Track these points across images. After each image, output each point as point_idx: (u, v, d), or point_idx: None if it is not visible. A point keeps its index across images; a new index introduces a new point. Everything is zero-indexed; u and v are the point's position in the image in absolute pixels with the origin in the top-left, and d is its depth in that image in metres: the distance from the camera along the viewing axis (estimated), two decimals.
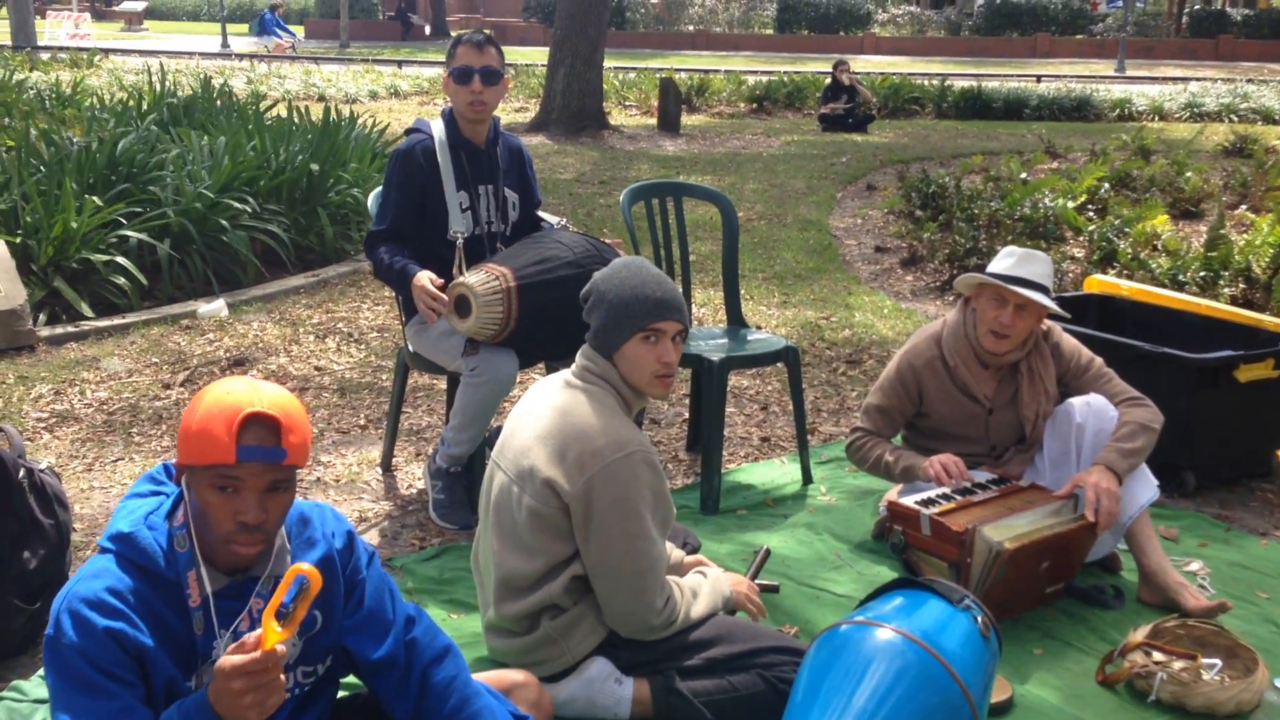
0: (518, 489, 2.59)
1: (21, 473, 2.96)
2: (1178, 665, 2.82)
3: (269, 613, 1.83)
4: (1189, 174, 9.61)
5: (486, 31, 3.91)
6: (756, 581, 3.12)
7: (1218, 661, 2.86)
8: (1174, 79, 22.67)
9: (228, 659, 1.79)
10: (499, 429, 3.86)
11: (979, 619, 2.50)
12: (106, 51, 23.41)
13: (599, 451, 2.50)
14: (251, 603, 2.02)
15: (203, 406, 1.93)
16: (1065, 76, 23.09)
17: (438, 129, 3.82)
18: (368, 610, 2.13)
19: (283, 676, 1.83)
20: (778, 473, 4.29)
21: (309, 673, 2.12)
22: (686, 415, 4.73)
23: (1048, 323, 3.52)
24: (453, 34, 4.51)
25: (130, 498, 2.07)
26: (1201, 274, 6.34)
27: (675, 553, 2.92)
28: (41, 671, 2.86)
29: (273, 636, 1.82)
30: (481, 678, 2.25)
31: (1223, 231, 6.72)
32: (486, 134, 3.84)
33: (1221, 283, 6.24)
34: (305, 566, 1.85)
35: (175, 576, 1.96)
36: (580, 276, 3.30)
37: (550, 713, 2.40)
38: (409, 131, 3.87)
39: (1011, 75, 23.44)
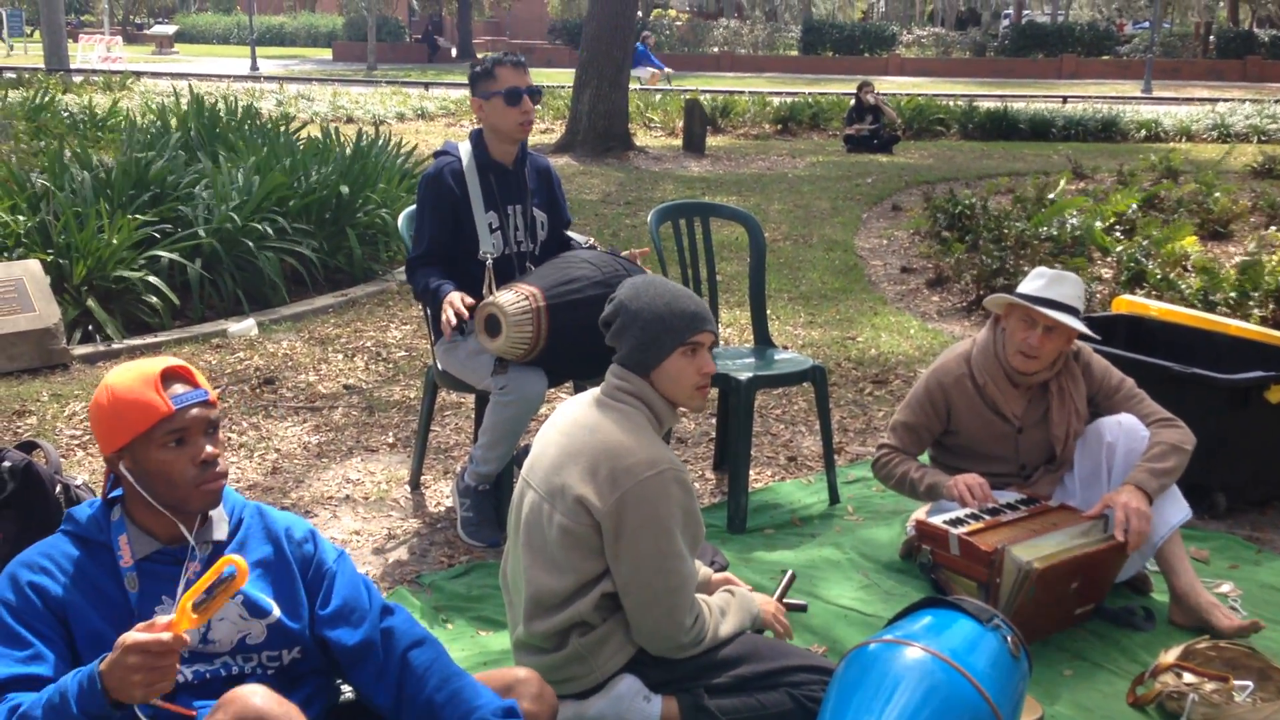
0: (549, 506, 2.61)
1: (58, 488, 2.99)
2: (1209, 687, 2.80)
3: (187, 597, 1.86)
4: (1217, 195, 9.57)
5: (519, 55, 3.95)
6: (784, 601, 3.12)
7: (1250, 683, 2.84)
8: (1201, 100, 22.58)
9: (131, 635, 1.82)
10: (527, 447, 3.89)
11: (1009, 639, 2.49)
12: (138, 74, 23.70)
13: (631, 469, 2.51)
14: (187, 565, 2.13)
15: (113, 390, 2.07)
16: (1091, 97, 23.03)
17: (465, 151, 3.86)
18: (341, 601, 2.21)
19: (178, 665, 1.87)
20: (805, 492, 4.29)
21: (274, 657, 2.18)
22: (713, 434, 4.74)
23: (1078, 343, 3.51)
24: (479, 56, 4.54)
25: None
26: (1233, 295, 6.31)
27: (703, 570, 2.92)
28: None
29: (184, 622, 1.84)
30: (481, 676, 2.27)
31: (1253, 250, 6.68)
32: (515, 154, 3.87)
33: (1251, 303, 6.20)
34: (235, 558, 1.87)
35: (107, 541, 2.11)
36: (608, 296, 3.32)
37: (555, 705, 2.40)
38: (438, 154, 3.91)
39: (1037, 96, 23.41)
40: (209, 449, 2.08)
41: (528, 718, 2.23)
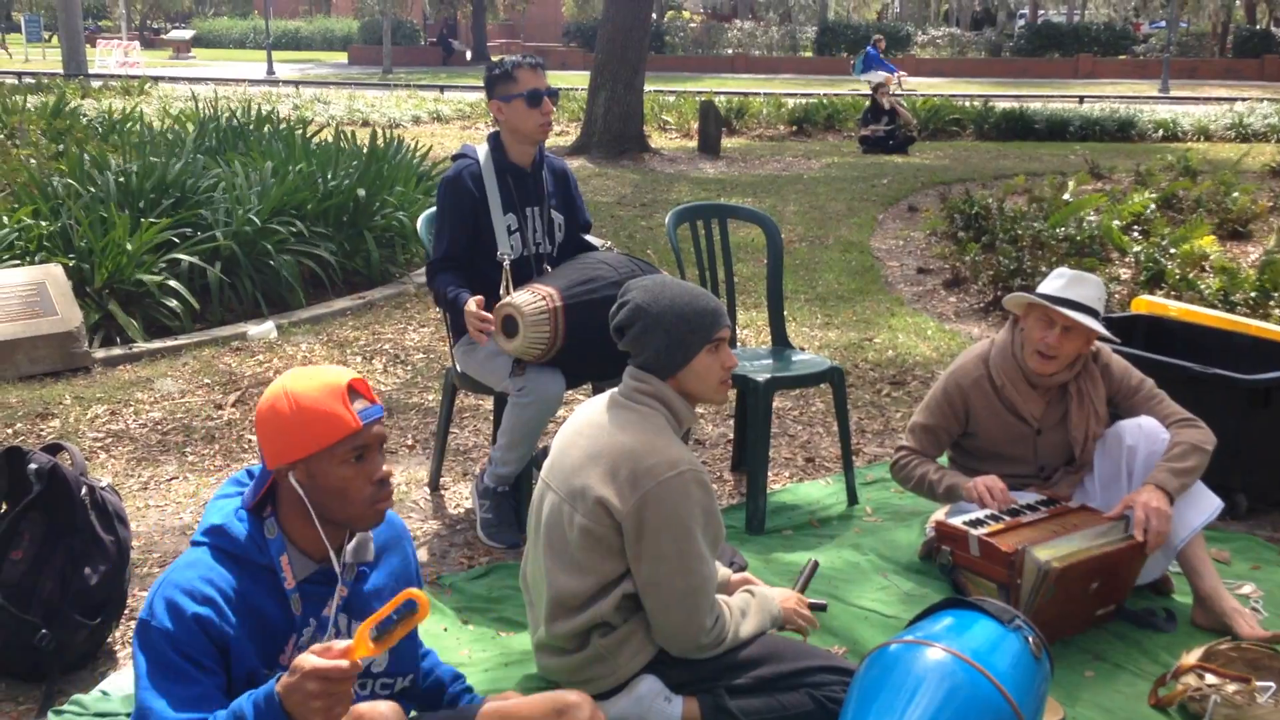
0: (569, 508, 2.62)
1: (83, 490, 3.02)
2: (1231, 688, 2.80)
3: (366, 625, 1.83)
4: (1236, 194, 9.53)
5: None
6: (806, 599, 3.12)
7: (1272, 684, 2.83)
8: (1219, 99, 22.48)
9: (310, 659, 1.79)
10: (546, 449, 3.89)
11: (1030, 639, 2.49)
12: (156, 79, 23.84)
13: (651, 470, 2.52)
14: (339, 587, 2.08)
15: (297, 400, 1.99)
16: (1108, 97, 22.94)
17: (483, 153, 3.87)
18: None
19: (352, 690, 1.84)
20: (823, 493, 4.29)
21: (388, 684, 2.18)
22: (731, 436, 4.74)
23: (1098, 344, 3.50)
24: (494, 59, 4.57)
25: (219, 498, 2.13)
26: (1253, 294, 6.28)
27: (723, 571, 2.93)
28: (102, 685, 2.92)
29: (362, 650, 1.82)
30: (536, 699, 2.27)
31: (1273, 249, 6.66)
32: (534, 156, 3.89)
33: (1272, 303, 6.18)
34: (417, 592, 1.83)
35: (269, 562, 2.02)
36: None
37: None
38: (456, 157, 3.92)
39: (1053, 96, 23.34)
40: (385, 467, 2.05)
41: None
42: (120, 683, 2.93)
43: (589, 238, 4.12)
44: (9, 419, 4.91)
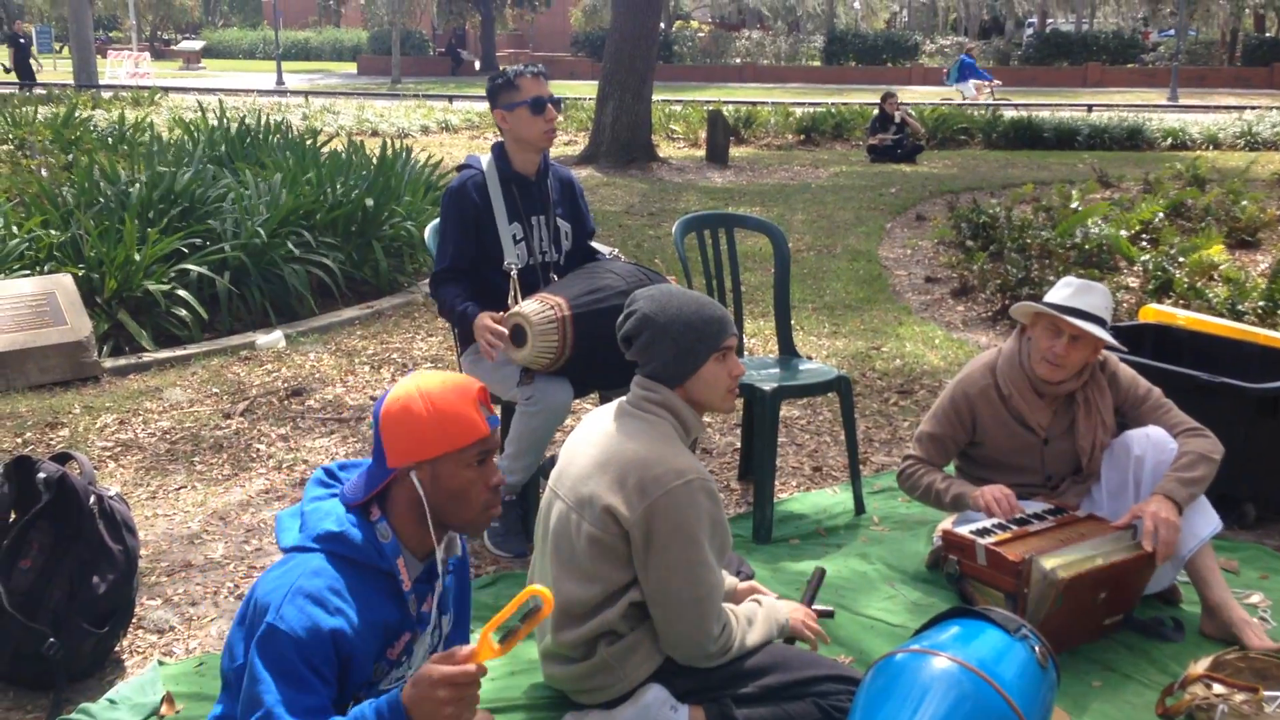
0: (577, 516, 2.62)
1: (92, 499, 3.03)
2: (1239, 698, 2.79)
3: (489, 628, 1.84)
4: (1245, 203, 9.51)
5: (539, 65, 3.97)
6: (812, 608, 3.12)
7: (1279, 694, 2.82)
8: (1228, 108, 22.44)
9: (437, 669, 1.82)
10: (553, 458, 3.90)
11: (1037, 649, 2.49)
12: (166, 90, 23.94)
13: (659, 479, 2.52)
14: (438, 585, 2.15)
15: (433, 402, 2.05)
16: (1117, 106, 22.93)
17: (487, 163, 3.88)
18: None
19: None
20: (830, 502, 4.29)
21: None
22: (738, 445, 4.74)
23: (1105, 353, 3.50)
24: (501, 68, 4.58)
25: (313, 500, 2.14)
26: (1261, 304, 6.27)
27: (730, 580, 2.93)
28: (110, 694, 2.92)
29: (487, 652, 1.83)
30: None
31: None
32: (538, 165, 3.90)
33: None
34: (540, 589, 1.84)
35: (389, 568, 2.06)
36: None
37: None
38: (460, 168, 3.94)
39: (1062, 105, 23.33)
40: (498, 474, 2.12)
41: None
42: (127, 691, 2.93)
43: (595, 245, 4.13)
44: (19, 428, 4.93)
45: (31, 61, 27.29)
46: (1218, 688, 2.84)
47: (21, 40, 26.00)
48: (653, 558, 2.53)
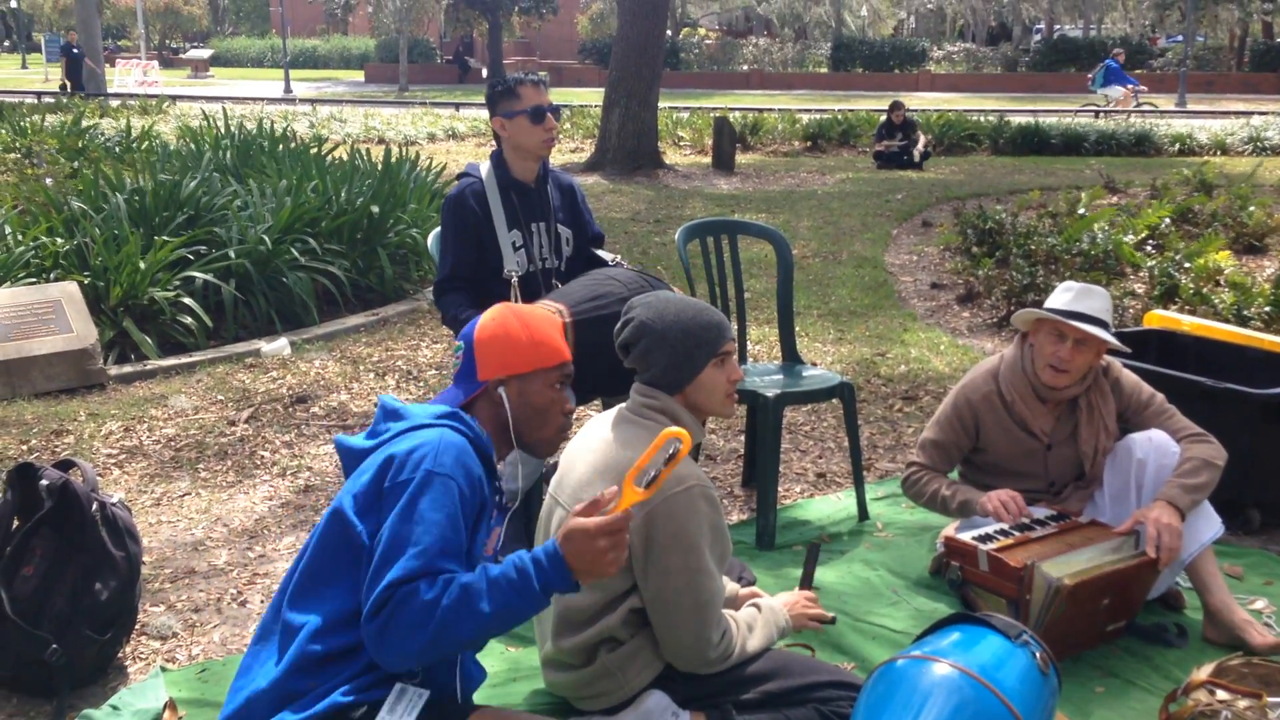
0: None
1: (94, 506, 3.04)
2: (1243, 704, 2.77)
3: (631, 474, 2.02)
4: (1252, 208, 9.49)
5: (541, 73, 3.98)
6: (811, 593, 3.08)
7: None
8: (1236, 113, 22.39)
9: (590, 520, 1.99)
10: (554, 465, 3.90)
11: (1038, 655, 2.48)
12: (174, 98, 24.05)
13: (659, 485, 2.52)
14: (503, 485, 2.38)
15: (527, 323, 2.33)
16: (1125, 111, 22.87)
17: (486, 171, 3.89)
18: None
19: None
20: (834, 508, 4.28)
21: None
22: (742, 451, 4.74)
23: (1107, 358, 3.49)
24: (509, 76, 4.59)
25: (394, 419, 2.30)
26: (1267, 309, 6.25)
27: (730, 586, 2.93)
28: (112, 700, 2.93)
29: (632, 496, 2.02)
30: None
31: None
32: (537, 172, 3.90)
33: None
34: (678, 430, 1.99)
35: (489, 451, 2.27)
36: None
37: None
38: (460, 176, 3.94)
39: (1069, 111, 23.30)
40: (572, 403, 2.33)
41: None
42: (130, 698, 2.94)
43: (601, 252, 4.13)
44: (24, 435, 4.95)
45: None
46: (1221, 694, 2.82)
47: (75, 51, 25.95)
48: (653, 564, 2.52)
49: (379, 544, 2.03)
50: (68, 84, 25.77)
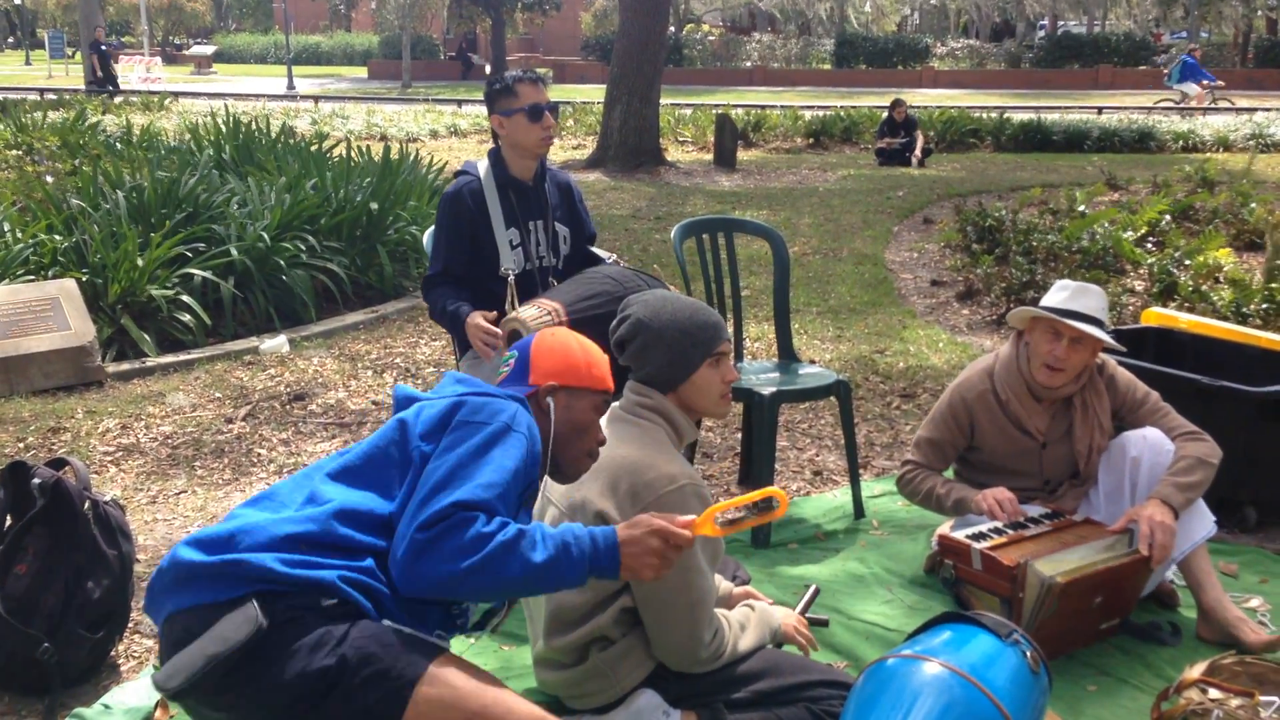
0: (569, 521, 2.62)
1: (86, 504, 3.04)
2: (1235, 703, 2.77)
3: (715, 509, 2.05)
4: (1253, 205, 9.47)
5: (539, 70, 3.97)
6: (806, 616, 3.11)
7: (1275, 699, 2.80)
8: (1239, 110, 22.35)
9: (656, 518, 2.05)
10: None
11: (1028, 654, 2.48)
12: (177, 94, 24.03)
13: (651, 484, 2.52)
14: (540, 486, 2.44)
15: (585, 347, 2.42)
16: (1128, 108, 22.85)
17: (483, 169, 3.88)
18: None
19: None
20: (829, 506, 4.28)
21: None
22: (738, 449, 4.73)
23: (1103, 356, 3.49)
24: (507, 74, 4.58)
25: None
26: (1264, 306, 6.24)
27: (724, 585, 2.93)
28: (104, 699, 2.93)
29: (706, 528, 2.06)
30: None
31: (1272, 257, 6.61)
32: (535, 170, 3.90)
33: None
34: (779, 491, 2.01)
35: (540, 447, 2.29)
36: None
37: None
38: (458, 174, 3.94)
39: (1072, 107, 23.26)
40: (603, 434, 2.40)
41: None
42: (122, 696, 2.94)
43: (596, 250, 4.13)
44: (21, 433, 4.95)
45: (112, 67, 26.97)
46: (1213, 692, 2.82)
47: (104, 47, 25.83)
48: None
49: (443, 466, 2.03)
50: (101, 75, 25.62)
